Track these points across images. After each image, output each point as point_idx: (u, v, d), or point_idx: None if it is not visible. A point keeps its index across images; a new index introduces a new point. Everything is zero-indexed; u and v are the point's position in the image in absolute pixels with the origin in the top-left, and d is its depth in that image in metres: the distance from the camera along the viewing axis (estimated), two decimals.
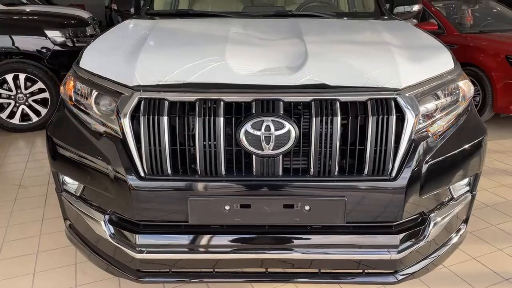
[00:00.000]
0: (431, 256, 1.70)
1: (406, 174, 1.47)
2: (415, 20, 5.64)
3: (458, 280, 2.15)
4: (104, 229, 1.60)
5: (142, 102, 1.46)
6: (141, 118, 1.45)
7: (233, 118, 1.45)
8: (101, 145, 1.56)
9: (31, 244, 2.46)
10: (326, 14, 2.49)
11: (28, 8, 6.06)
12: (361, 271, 1.60)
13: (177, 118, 1.46)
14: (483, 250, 2.40)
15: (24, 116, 4.49)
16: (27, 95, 4.42)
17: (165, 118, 1.44)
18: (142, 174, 1.47)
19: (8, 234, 2.57)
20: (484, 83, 4.54)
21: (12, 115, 4.45)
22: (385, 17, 2.61)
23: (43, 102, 4.49)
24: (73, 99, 1.71)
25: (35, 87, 4.42)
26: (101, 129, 1.59)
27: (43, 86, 4.42)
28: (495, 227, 2.65)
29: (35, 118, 4.51)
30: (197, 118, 1.43)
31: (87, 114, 1.65)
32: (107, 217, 1.61)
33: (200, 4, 3.24)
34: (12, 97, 4.40)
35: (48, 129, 1.77)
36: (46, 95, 4.47)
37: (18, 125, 4.49)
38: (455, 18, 5.52)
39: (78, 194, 1.72)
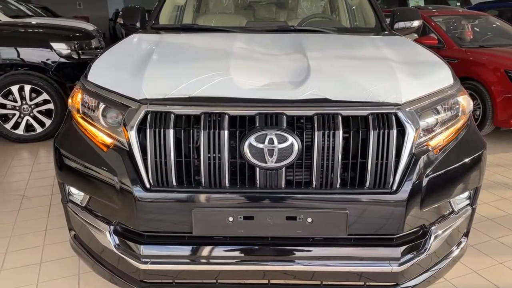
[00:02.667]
0: (433, 269, 1.71)
1: (407, 187, 1.50)
2: (415, 35, 5.73)
3: None
4: (109, 240, 1.62)
5: (149, 115, 1.50)
6: (148, 131, 1.48)
7: (237, 131, 1.48)
8: (108, 156, 1.59)
9: (34, 254, 2.47)
10: (327, 30, 2.54)
11: (33, 21, 6.17)
12: (362, 283, 1.61)
13: (182, 131, 1.50)
14: (484, 264, 2.41)
15: (28, 127, 4.54)
16: (32, 106, 4.48)
17: (171, 131, 1.48)
18: (148, 186, 1.50)
19: (12, 244, 2.58)
20: (484, 97, 4.58)
21: (16, 125, 4.49)
22: (386, 32, 2.66)
23: (47, 113, 4.54)
24: (81, 111, 1.75)
25: (40, 98, 4.47)
26: (108, 141, 1.62)
27: (48, 97, 4.48)
28: (496, 241, 2.66)
29: (39, 129, 4.56)
30: (202, 131, 1.47)
31: (94, 126, 1.69)
32: (112, 227, 1.64)
33: (204, 19, 3.31)
34: (17, 108, 4.45)
35: (55, 141, 1.80)
36: (50, 106, 4.52)
37: (22, 135, 4.54)
38: (455, 33, 5.59)
39: (83, 205, 1.75)
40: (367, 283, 1.61)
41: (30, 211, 3.02)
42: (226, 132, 1.46)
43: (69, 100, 1.84)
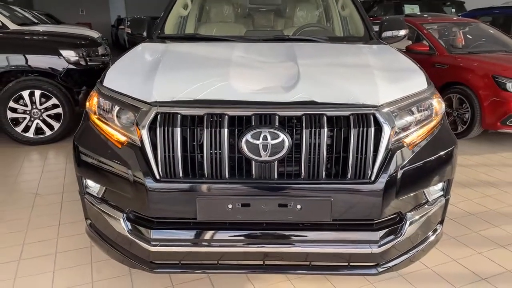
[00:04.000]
0: (410, 252, 1.92)
1: (384, 178, 1.71)
2: (410, 41, 5.97)
3: (440, 279, 2.36)
4: (123, 226, 1.84)
5: (159, 116, 1.72)
6: (158, 129, 1.71)
7: (236, 130, 1.70)
8: (122, 152, 1.81)
9: (50, 246, 2.69)
10: (319, 39, 2.77)
11: (40, 28, 6.41)
12: (346, 264, 1.82)
13: (188, 129, 1.72)
14: (464, 253, 2.62)
15: (38, 130, 4.76)
16: (42, 110, 4.70)
17: (178, 129, 1.70)
18: (158, 177, 1.72)
19: (28, 237, 2.80)
20: (472, 101, 4.80)
21: (26, 129, 4.72)
22: (373, 41, 2.89)
23: (56, 117, 4.77)
24: (97, 113, 1.97)
25: (49, 103, 4.70)
26: (122, 138, 1.85)
27: (56, 102, 4.70)
28: (476, 233, 2.87)
29: (48, 132, 4.78)
30: (205, 129, 1.69)
31: (109, 126, 1.91)
32: (125, 215, 1.85)
33: (206, 28, 3.54)
34: (28, 112, 4.67)
35: (75, 139, 2.02)
36: (59, 110, 4.75)
37: (32, 138, 4.76)
38: (446, 40, 5.82)
39: (99, 196, 1.97)
40: (350, 264, 1.82)
41: (43, 208, 3.23)
42: (226, 130, 1.68)
43: (86, 103, 2.06)
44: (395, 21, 3.11)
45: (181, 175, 1.72)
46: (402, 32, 3.08)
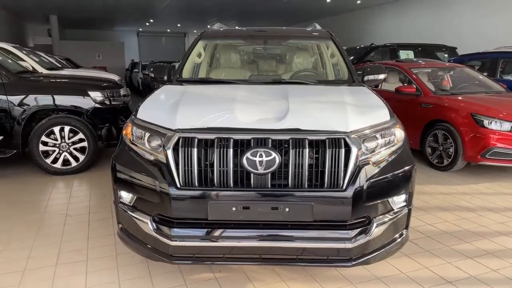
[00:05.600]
0: (380, 250, 2.38)
1: (352, 188, 2.22)
2: (401, 84, 6.59)
3: (411, 281, 2.78)
4: (150, 226, 2.35)
5: (180, 140, 2.27)
6: (180, 150, 2.25)
7: (239, 150, 2.24)
8: (151, 168, 2.35)
9: (81, 254, 3.17)
10: (309, 82, 3.38)
11: (67, 72, 7.17)
12: (326, 257, 2.29)
13: (202, 149, 2.26)
14: (436, 262, 3.04)
15: (65, 162, 5.34)
16: (69, 144, 5.31)
17: (195, 150, 2.24)
18: (179, 186, 2.24)
19: (62, 247, 3.28)
20: (455, 136, 5.31)
21: (55, 160, 5.29)
22: (355, 83, 3.48)
23: (81, 150, 5.36)
24: (131, 139, 2.53)
25: (76, 138, 5.31)
26: (151, 158, 2.39)
27: (83, 136, 5.32)
28: (448, 247, 3.30)
29: (74, 163, 5.36)
30: (215, 149, 2.23)
31: (141, 148, 2.46)
32: (151, 217, 2.36)
33: (216, 72, 4.18)
34: (57, 145, 5.28)
35: (113, 159, 2.56)
36: (84, 144, 5.35)
37: (60, 169, 5.33)
38: (433, 82, 6.44)
39: (131, 204, 2.49)
40: (329, 257, 2.29)
41: (73, 225, 3.73)
42: (231, 150, 2.22)
43: (123, 131, 2.63)
44: (376, 67, 3.72)
45: (196, 184, 2.25)
46: (382, 76, 3.68)
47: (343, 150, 2.24)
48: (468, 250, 3.25)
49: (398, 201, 2.46)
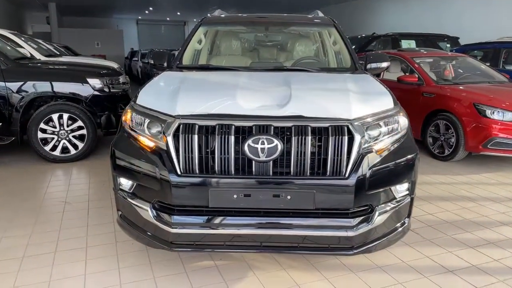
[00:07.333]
0: (381, 238, 2.37)
1: (355, 175, 2.19)
2: (403, 73, 6.53)
3: (412, 270, 2.77)
4: (150, 213, 2.32)
5: (181, 126, 2.23)
6: (180, 136, 2.22)
7: (240, 137, 2.20)
8: (151, 155, 2.32)
9: (81, 242, 3.15)
10: (311, 69, 3.32)
11: (65, 59, 7.10)
12: (327, 245, 2.27)
13: (203, 136, 2.22)
14: (437, 252, 3.03)
15: (64, 149, 5.30)
16: (68, 132, 5.26)
17: (196, 136, 2.20)
18: (179, 173, 2.21)
19: (61, 235, 3.26)
20: (457, 126, 5.28)
21: (54, 148, 5.25)
22: (358, 71, 3.43)
23: (80, 138, 5.32)
24: (131, 125, 2.49)
25: (75, 125, 5.26)
26: (150, 144, 2.35)
27: (82, 124, 5.27)
28: (449, 237, 3.29)
29: (73, 151, 5.32)
30: (216, 136, 2.19)
31: (141, 134, 2.42)
32: (151, 204, 2.34)
33: (216, 60, 4.12)
34: (56, 132, 5.23)
35: (112, 145, 2.53)
36: (83, 131, 5.30)
37: (58, 156, 5.29)
38: (435, 72, 6.38)
39: (130, 191, 2.46)
40: (331, 246, 2.27)
41: (72, 213, 3.71)
42: (232, 137, 2.19)
43: (122, 117, 2.59)
44: (378, 55, 3.67)
45: (197, 171, 2.21)
46: (384, 64, 3.63)
47: (346, 138, 2.20)
48: (469, 240, 3.23)
49: (400, 189, 2.44)
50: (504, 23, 12.04)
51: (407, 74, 6.39)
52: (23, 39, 7.16)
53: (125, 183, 2.49)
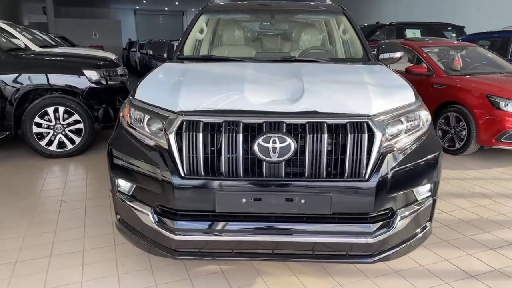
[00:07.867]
0: (401, 245, 2.18)
1: (376, 177, 1.99)
2: (410, 64, 6.31)
3: (431, 275, 2.60)
4: (151, 218, 2.13)
5: (184, 123, 2.03)
6: (183, 134, 2.01)
7: (249, 135, 2.00)
8: (151, 154, 2.12)
9: (77, 244, 2.96)
10: (321, 60, 3.10)
11: (61, 50, 6.86)
12: (345, 253, 2.08)
13: (208, 134, 2.02)
14: (456, 254, 2.85)
15: (60, 144, 5.10)
16: (64, 126, 5.05)
17: (200, 135, 2.00)
18: (182, 175, 2.01)
19: (57, 237, 3.08)
20: (468, 119, 5.08)
21: (50, 143, 5.04)
22: (371, 62, 3.21)
23: (77, 132, 5.11)
24: (129, 121, 2.29)
25: (71, 119, 5.04)
26: (151, 143, 2.15)
27: (78, 118, 5.05)
28: (468, 237, 3.11)
29: (69, 146, 5.11)
30: (223, 134, 1.99)
31: (140, 132, 2.22)
32: (152, 209, 2.14)
33: (218, 50, 3.90)
34: (51, 127, 5.02)
35: (109, 144, 2.33)
36: (80, 126, 5.08)
37: (55, 151, 5.08)
38: (444, 62, 6.15)
39: (130, 194, 2.26)
40: (348, 253, 2.08)
41: (68, 212, 3.52)
42: (241, 135, 1.98)
43: (120, 113, 2.38)
44: (391, 45, 3.44)
45: (202, 173, 2.02)
46: (398, 54, 3.40)
47: (366, 136, 2.00)
48: (489, 241, 3.06)
49: (422, 191, 2.25)
50: (507, 12, 11.77)
51: (414, 64, 6.16)
52: (18, 29, 6.91)
53: (124, 184, 2.30)
